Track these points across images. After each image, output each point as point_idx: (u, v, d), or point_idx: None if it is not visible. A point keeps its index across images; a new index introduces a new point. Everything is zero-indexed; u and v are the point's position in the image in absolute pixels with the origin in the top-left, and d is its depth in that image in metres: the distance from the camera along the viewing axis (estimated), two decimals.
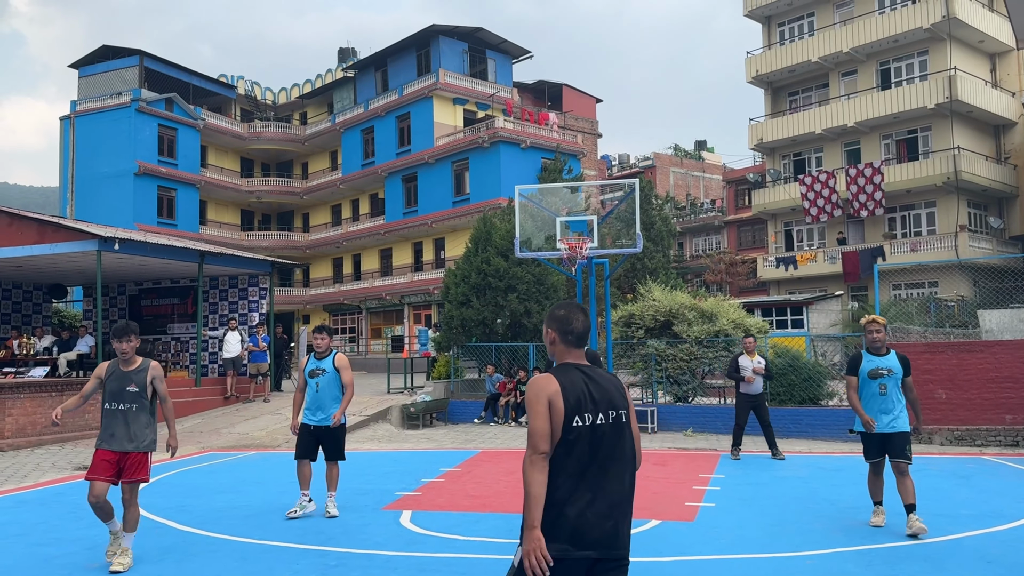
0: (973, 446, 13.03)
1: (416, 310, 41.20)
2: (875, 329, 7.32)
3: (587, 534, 3.09)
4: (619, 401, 3.29)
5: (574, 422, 3.15)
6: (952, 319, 21.97)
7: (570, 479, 3.13)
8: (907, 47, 34.05)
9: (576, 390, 3.20)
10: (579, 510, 3.09)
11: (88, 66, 43.28)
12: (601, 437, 3.19)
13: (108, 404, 6.45)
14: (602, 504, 3.13)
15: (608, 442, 3.21)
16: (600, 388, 3.26)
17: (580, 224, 14.45)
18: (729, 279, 41.24)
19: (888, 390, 7.20)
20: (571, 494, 3.11)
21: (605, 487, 3.16)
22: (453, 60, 40.68)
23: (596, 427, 3.19)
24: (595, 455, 3.17)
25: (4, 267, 19.66)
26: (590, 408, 3.19)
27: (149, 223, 38.85)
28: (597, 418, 3.20)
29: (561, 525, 3.08)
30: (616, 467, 3.22)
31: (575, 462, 3.14)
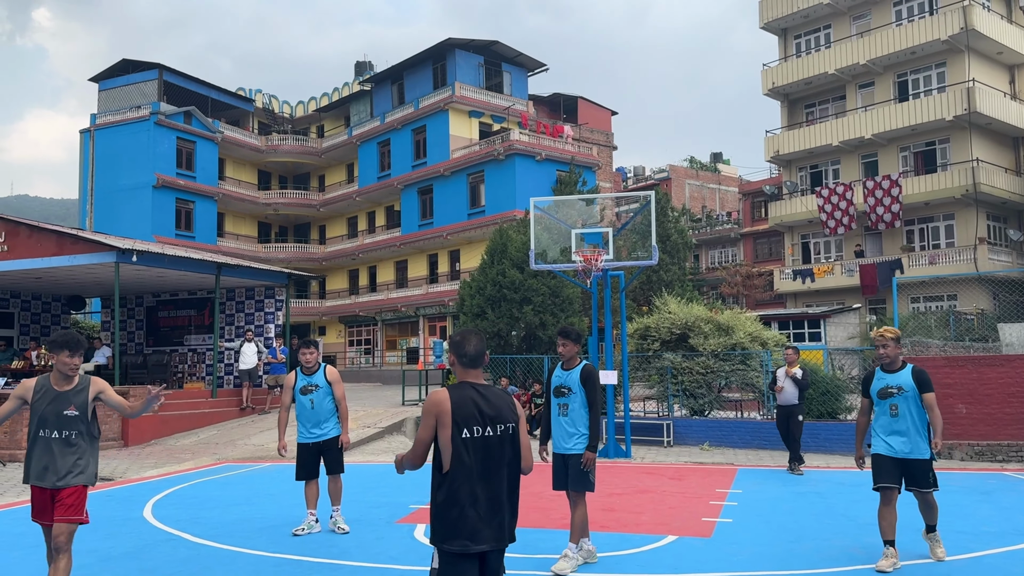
0: (994, 462, 12.85)
1: (431, 322, 41.23)
2: (880, 344, 6.61)
3: (481, 531, 3.63)
4: (508, 416, 3.77)
5: (463, 434, 3.65)
6: (972, 332, 21.73)
7: (466, 483, 3.64)
8: (925, 59, 33.86)
9: (466, 406, 3.68)
10: (475, 511, 3.63)
11: (108, 80, 43.80)
12: (490, 447, 3.69)
13: (41, 431, 5.45)
14: (493, 505, 3.67)
15: (497, 452, 3.71)
16: (490, 404, 3.73)
17: (595, 236, 14.40)
18: (746, 291, 41.02)
19: (900, 411, 6.45)
20: (468, 497, 3.63)
21: (494, 490, 3.69)
22: (469, 73, 40.84)
23: (486, 439, 3.69)
24: (486, 463, 3.68)
25: (24, 278, 19.86)
26: (479, 422, 3.68)
27: (167, 235, 39.15)
28: (486, 431, 3.69)
29: (462, 525, 3.62)
30: (504, 472, 3.73)
31: (468, 469, 3.65)
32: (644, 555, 7.01)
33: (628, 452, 14.22)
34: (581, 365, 6.63)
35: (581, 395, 6.57)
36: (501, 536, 3.70)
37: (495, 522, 3.68)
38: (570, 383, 6.61)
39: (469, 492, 3.64)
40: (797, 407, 12.15)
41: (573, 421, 6.57)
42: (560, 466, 6.67)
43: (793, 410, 12.13)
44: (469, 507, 3.63)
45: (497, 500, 3.70)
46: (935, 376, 13.46)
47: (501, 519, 3.70)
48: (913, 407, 6.46)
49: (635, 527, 8.16)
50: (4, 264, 18.05)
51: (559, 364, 6.83)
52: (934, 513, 6.69)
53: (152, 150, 40.82)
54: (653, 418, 16.44)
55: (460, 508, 3.63)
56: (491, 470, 3.70)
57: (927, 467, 6.48)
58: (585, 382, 6.54)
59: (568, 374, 6.65)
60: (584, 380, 6.55)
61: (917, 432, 6.45)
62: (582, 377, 6.57)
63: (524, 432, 3.86)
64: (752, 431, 15.25)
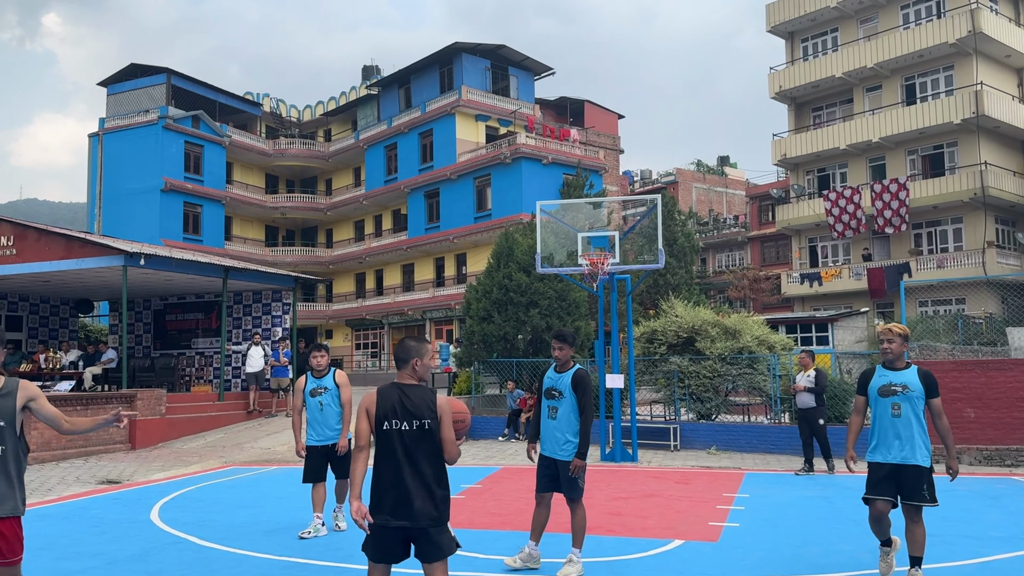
0: (1003, 466, 12.78)
1: (437, 325, 41.26)
2: (887, 339, 6.02)
3: (398, 510, 4.23)
4: (425, 413, 4.31)
5: (383, 426, 4.31)
6: (980, 336, 21.61)
7: (387, 468, 4.29)
8: (932, 62, 33.77)
9: (388, 403, 4.33)
10: (394, 493, 4.25)
11: (116, 84, 44.01)
12: (407, 439, 4.28)
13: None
14: (409, 488, 4.24)
15: (413, 443, 4.28)
16: (411, 401, 4.32)
17: (602, 240, 14.39)
18: (753, 295, 40.91)
19: (903, 411, 5.85)
20: (388, 480, 4.28)
21: (411, 476, 4.26)
22: (475, 77, 40.90)
23: (402, 431, 4.29)
24: (405, 451, 4.28)
25: (32, 282, 19.95)
26: (398, 416, 4.30)
27: (175, 239, 39.30)
28: (403, 424, 4.29)
29: (383, 503, 4.26)
30: (420, 461, 4.28)
31: (389, 456, 4.29)
32: (651, 559, 6.99)
33: (635, 456, 14.20)
34: (574, 369, 6.48)
35: (572, 400, 6.39)
36: (416, 517, 4.21)
37: (411, 504, 4.22)
38: (561, 387, 6.46)
39: (389, 476, 4.28)
40: (815, 410, 12.34)
41: (562, 426, 6.40)
42: (545, 470, 6.52)
43: (806, 413, 12.39)
44: (389, 489, 4.27)
45: (413, 485, 4.24)
46: (943, 380, 13.42)
47: (417, 502, 4.22)
48: (917, 409, 5.86)
49: (641, 531, 8.14)
50: (13, 268, 18.13)
51: (552, 366, 6.70)
52: (920, 542, 5.81)
53: (160, 154, 40.98)
54: (660, 422, 16.41)
55: (382, 489, 4.29)
56: (408, 459, 4.27)
57: (923, 476, 5.79)
58: (576, 387, 6.37)
59: (560, 377, 6.50)
60: (575, 385, 6.39)
61: (919, 436, 5.84)
62: (573, 382, 6.40)
63: (447, 427, 4.35)
64: (759, 435, 15.20)
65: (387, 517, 4.24)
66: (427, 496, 4.25)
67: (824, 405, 12.56)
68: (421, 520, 4.22)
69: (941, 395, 6.08)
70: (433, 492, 4.26)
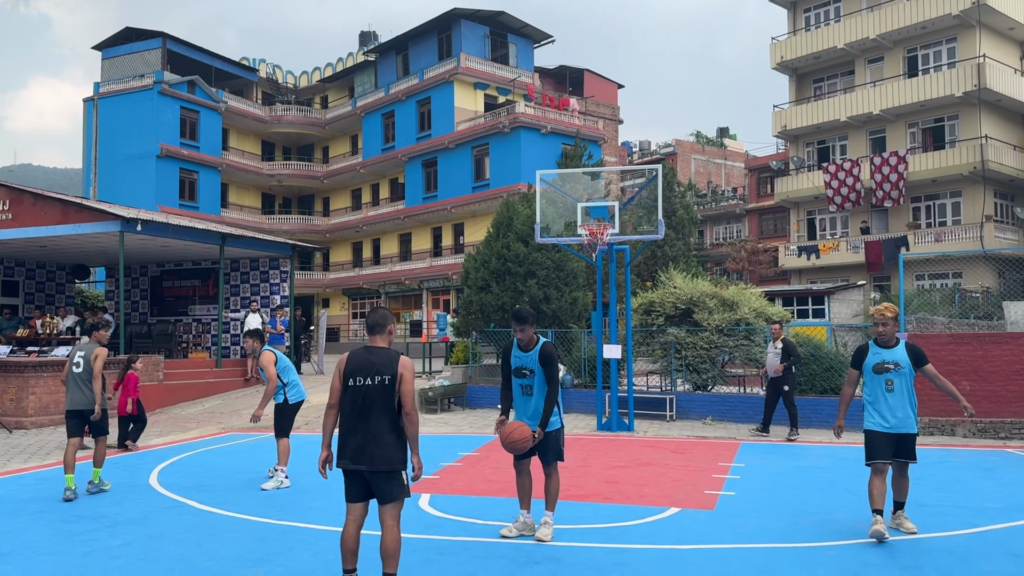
0: (997, 439, 12.87)
1: (435, 295, 41.26)
2: (881, 321, 6.70)
3: (357, 455, 4.85)
4: (386, 370, 4.91)
5: (349, 382, 4.93)
6: (976, 310, 21.69)
7: (348, 419, 4.91)
8: (935, 34, 33.49)
9: (355, 362, 4.98)
10: (353, 440, 4.86)
11: (111, 48, 43.52)
12: (369, 392, 4.89)
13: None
14: (367, 436, 4.85)
15: (373, 396, 4.88)
16: (377, 360, 4.95)
17: (601, 210, 14.33)
18: (750, 267, 40.94)
19: (896, 386, 6.58)
20: (348, 429, 4.90)
21: (369, 425, 4.86)
22: (474, 44, 40.50)
23: (366, 386, 4.89)
24: (365, 403, 4.88)
25: (28, 247, 19.86)
26: (363, 373, 4.91)
27: (171, 205, 39.11)
28: (367, 380, 4.89)
29: (344, 449, 4.90)
30: (376, 413, 4.87)
31: (352, 408, 4.90)
32: (647, 526, 7.05)
33: (631, 426, 14.27)
34: (540, 345, 6.53)
35: (542, 375, 6.49)
36: (371, 461, 4.82)
37: (367, 449, 4.83)
38: (531, 364, 6.51)
39: (349, 426, 4.90)
40: (783, 378, 12.97)
41: (537, 400, 6.53)
42: None
43: (775, 382, 13.07)
44: (350, 436, 4.89)
45: (370, 433, 4.85)
46: (939, 354, 13.48)
47: (372, 448, 4.82)
48: (907, 383, 6.65)
49: (638, 499, 8.20)
50: (9, 232, 18.03)
51: (515, 344, 6.66)
52: (906, 490, 6.91)
53: (156, 119, 40.65)
54: (656, 392, 16.47)
55: (344, 437, 4.92)
56: (367, 410, 4.88)
57: (914, 440, 6.73)
58: (545, 363, 6.44)
59: (527, 355, 6.54)
60: (544, 361, 6.45)
61: (910, 406, 6.65)
62: (542, 358, 6.46)
63: (407, 382, 4.95)
64: (755, 406, 15.27)
65: (347, 461, 4.87)
66: (381, 443, 4.84)
67: (792, 373, 13.20)
68: (376, 464, 4.83)
69: (936, 368, 6.82)
70: (387, 440, 4.84)
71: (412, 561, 5.94)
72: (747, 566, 5.82)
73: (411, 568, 5.78)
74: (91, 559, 6.09)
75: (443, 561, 5.99)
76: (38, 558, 6.13)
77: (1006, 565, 5.80)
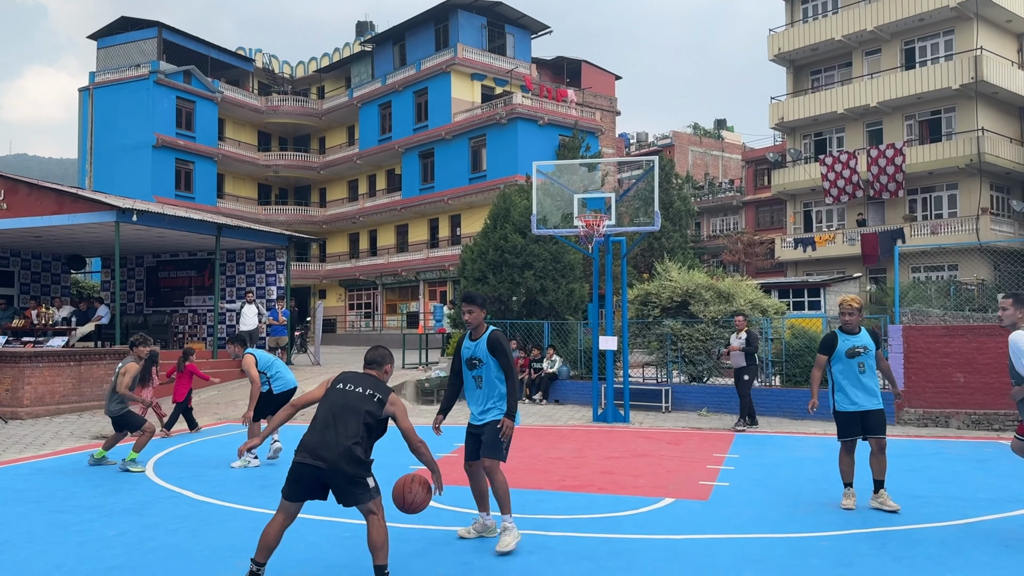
0: (991, 430, 12.92)
1: (431, 286, 41.25)
2: (847, 311, 7.42)
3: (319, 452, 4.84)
4: (377, 389, 5.10)
5: (338, 386, 5.09)
6: (972, 303, 21.74)
7: (323, 416, 4.98)
8: (932, 26, 33.46)
9: (350, 375, 5.18)
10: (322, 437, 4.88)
11: (107, 37, 43.32)
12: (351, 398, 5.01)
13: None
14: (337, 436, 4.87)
15: (354, 403, 4.99)
16: (369, 380, 5.15)
17: (598, 202, 14.33)
18: (747, 259, 40.98)
19: (867, 367, 7.33)
20: (320, 424, 4.94)
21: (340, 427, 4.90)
22: (471, 34, 40.38)
23: (350, 391, 5.05)
24: (344, 406, 4.98)
25: (23, 237, 19.82)
26: (354, 383, 5.10)
27: (167, 195, 39.01)
28: (356, 388, 5.05)
29: (307, 443, 4.90)
30: (353, 419, 4.94)
31: (329, 407, 5.01)
32: (642, 516, 7.08)
33: (627, 417, 14.30)
34: (487, 333, 6.19)
35: (492, 365, 6.16)
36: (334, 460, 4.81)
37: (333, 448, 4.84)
38: (480, 354, 6.19)
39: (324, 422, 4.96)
40: (745, 368, 13.26)
41: (487, 393, 6.24)
42: (473, 440, 6.35)
43: (737, 373, 13.35)
44: (319, 433, 4.92)
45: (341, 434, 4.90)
46: (934, 345, 13.53)
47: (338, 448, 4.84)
48: (873, 363, 7.37)
49: (633, 490, 8.23)
50: (4, 222, 17.97)
51: (467, 334, 6.35)
52: (884, 468, 7.26)
53: (151, 109, 40.51)
54: (652, 384, 16.51)
55: (312, 433, 4.96)
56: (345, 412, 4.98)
57: (883, 416, 7.34)
58: (494, 351, 6.12)
59: (476, 344, 6.22)
60: (492, 350, 6.12)
61: (876, 385, 7.38)
62: (490, 347, 6.12)
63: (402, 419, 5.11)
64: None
65: (307, 455, 4.85)
66: (348, 448, 4.82)
67: (755, 364, 13.50)
68: (337, 466, 4.80)
69: (931, 359, 7.73)
70: (355, 449, 4.84)
71: (406, 551, 5.96)
72: (741, 556, 5.84)
73: (405, 558, 5.80)
74: (86, 548, 6.10)
75: (437, 551, 6.01)
76: (33, 547, 6.14)
77: (998, 556, 5.83)
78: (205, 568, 5.60)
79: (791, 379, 15.11)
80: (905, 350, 13.65)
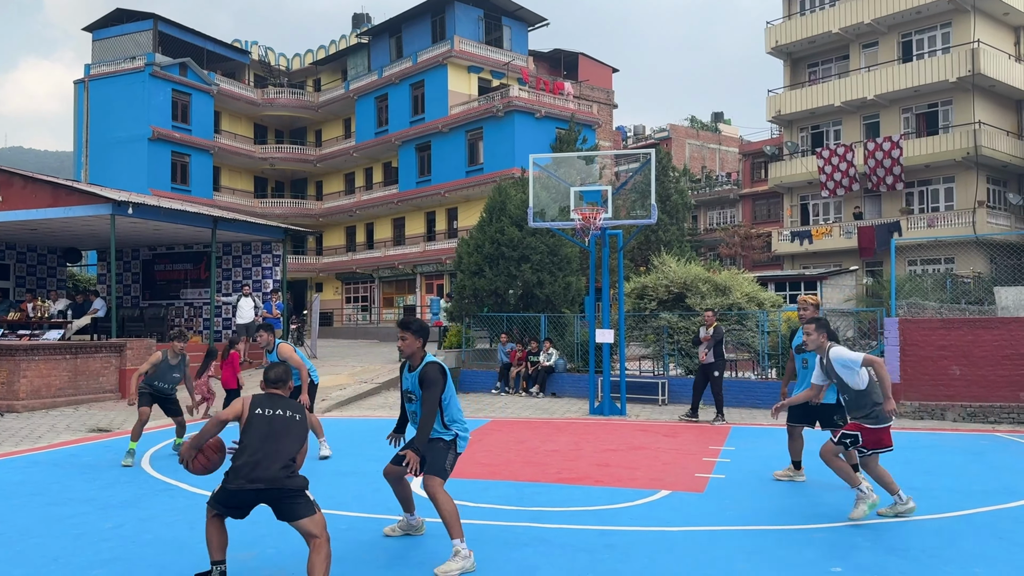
0: (986, 423, 12.96)
1: (428, 280, 41.23)
2: (803, 307, 8.05)
3: (254, 473, 4.77)
4: (293, 410, 5.15)
5: (256, 411, 5.03)
6: (968, 295, 21.75)
7: (253, 442, 4.90)
8: (930, 19, 33.43)
9: (263, 399, 5.14)
10: (253, 461, 4.80)
11: (102, 29, 43.14)
12: (276, 422, 5.01)
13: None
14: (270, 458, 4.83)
15: (281, 426, 5.01)
16: (282, 403, 5.16)
17: (594, 194, 14.33)
18: (743, 252, 41.01)
19: (809, 364, 7.74)
20: (252, 452, 4.83)
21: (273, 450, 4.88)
22: (468, 27, 40.26)
23: (273, 416, 5.03)
24: (271, 431, 4.97)
25: (19, 230, 19.76)
26: (271, 407, 5.08)
27: (163, 188, 38.91)
28: (276, 411, 5.05)
29: (241, 470, 4.78)
30: (283, 440, 4.98)
31: (258, 433, 4.94)
32: (638, 508, 7.09)
33: (623, 410, 14.32)
34: (422, 365, 5.66)
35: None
36: (272, 480, 4.79)
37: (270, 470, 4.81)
38: (412, 387, 5.72)
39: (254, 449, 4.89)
40: (713, 364, 13.06)
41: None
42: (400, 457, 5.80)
43: (708, 367, 13.10)
44: (251, 458, 4.83)
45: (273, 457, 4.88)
46: (930, 338, 13.55)
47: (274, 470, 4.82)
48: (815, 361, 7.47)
49: (629, 482, 8.24)
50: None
51: (406, 365, 5.85)
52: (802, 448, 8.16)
53: (147, 102, 40.35)
54: (648, 377, 16.53)
55: (244, 460, 4.85)
56: (274, 436, 4.98)
57: (832, 410, 7.71)
58: (422, 384, 5.58)
59: (411, 376, 5.72)
60: (421, 383, 5.57)
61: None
62: (420, 380, 5.59)
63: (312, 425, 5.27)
64: (746, 390, 15.35)
65: (243, 482, 4.76)
66: (283, 467, 4.84)
67: (723, 358, 13.35)
68: (277, 483, 4.78)
69: (927, 352, 7.74)
70: (289, 464, 4.90)
71: (403, 544, 5.97)
72: (736, 548, 5.85)
73: (400, 550, 5.81)
74: (82, 541, 6.10)
75: (432, 543, 6.01)
76: (29, 540, 6.14)
77: (993, 547, 5.86)
78: (201, 561, 5.59)
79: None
80: (901, 343, 13.67)
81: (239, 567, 5.43)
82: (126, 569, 5.44)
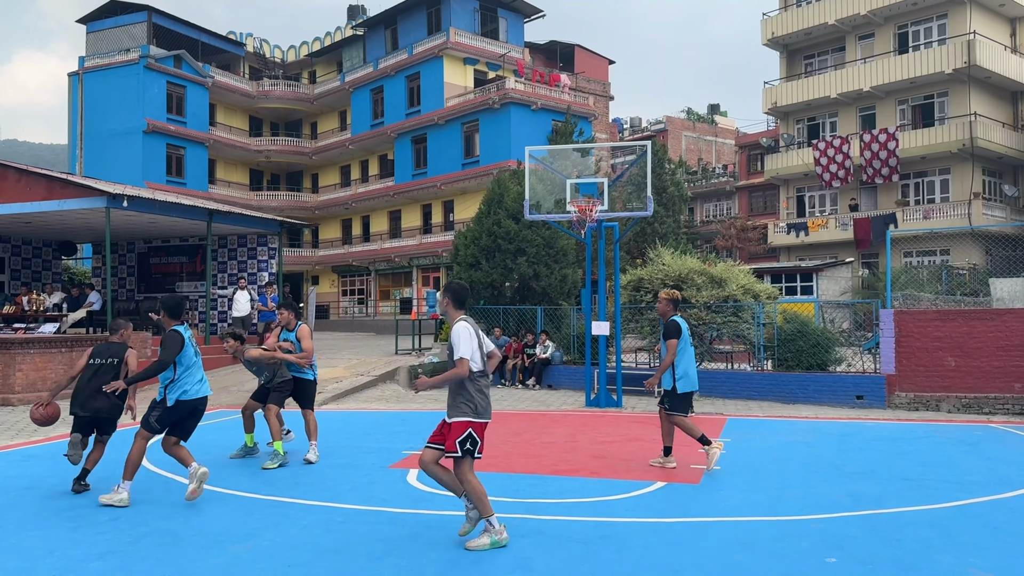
0: (981, 414, 13.00)
1: (424, 272, 41.20)
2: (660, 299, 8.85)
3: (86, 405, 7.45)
4: (114, 355, 7.65)
5: (91, 361, 7.65)
6: (963, 287, 21.82)
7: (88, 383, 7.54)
8: (926, 10, 33.42)
9: (98, 350, 7.73)
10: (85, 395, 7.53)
11: (96, 21, 42.93)
12: (101, 369, 7.55)
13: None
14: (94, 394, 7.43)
15: (103, 371, 7.53)
16: (110, 350, 7.70)
17: (590, 187, 14.31)
18: (740, 245, 41.01)
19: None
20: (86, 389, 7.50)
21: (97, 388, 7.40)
22: (464, 18, 40.14)
23: (100, 365, 7.58)
24: (96, 374, 7.53)
25: (13, 223, 19.71)
26: (100, 356, 7.63)
27: (158, 181, 38.79)
28: (102, 361, 7.61)
29: (78, 399, 7.48)
30: (104, 381, 7.35)
31: (90, 376, 7.55)
32: (633, 500, 7.11)
33: (619, 402, 14.34)
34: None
35: None
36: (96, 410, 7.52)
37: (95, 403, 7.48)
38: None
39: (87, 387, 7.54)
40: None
41: None
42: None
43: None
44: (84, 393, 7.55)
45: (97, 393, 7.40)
46: (926, 330, 13.58)
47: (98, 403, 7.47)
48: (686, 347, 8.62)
49: (625, 473, 8.26)
50: None
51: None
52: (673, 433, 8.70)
53: (142, 94, 40.20)
54: (645, 369, 16.55)
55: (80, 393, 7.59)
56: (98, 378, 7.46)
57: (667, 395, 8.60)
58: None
59: None
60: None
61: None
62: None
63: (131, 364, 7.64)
64: (742, 382, 15.39)
65: (77, 409, 7.37)
66: (104, 399, 7.34)
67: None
68: (100, 412, 7.44)
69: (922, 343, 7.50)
70: (109, 398, 7.34)
71: (399, 535, 5.98)
72: (731, 539, 5.87)
73: (398, 541, 5.82)
74: (78, 534, 6.10)
75: (430, 535, 6.02)
76: (25, 533, 6.13)
77: (987, 538, 5.88)
78: (198, 553, 5.60)
79: (783, 363, 15.16)
80: (896, 334, 13.70)
81: (233, 560, 5.44)
82: (123, 562, 5.44)
